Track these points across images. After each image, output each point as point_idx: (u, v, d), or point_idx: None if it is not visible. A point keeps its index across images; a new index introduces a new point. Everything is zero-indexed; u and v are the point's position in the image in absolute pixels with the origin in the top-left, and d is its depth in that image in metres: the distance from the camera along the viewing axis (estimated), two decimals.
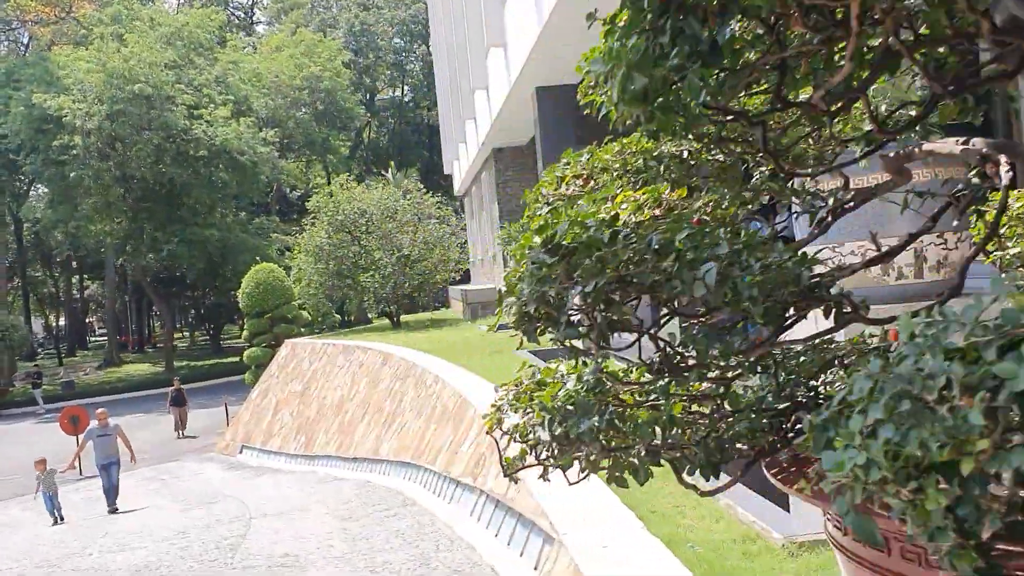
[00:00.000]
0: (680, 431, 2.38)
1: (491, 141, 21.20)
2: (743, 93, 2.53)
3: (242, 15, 69.61)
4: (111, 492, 14.77)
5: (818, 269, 2.18)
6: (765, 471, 2.15)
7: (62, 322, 73.10)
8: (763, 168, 2.90)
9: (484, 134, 20.77)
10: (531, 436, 2.45)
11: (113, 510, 14.45)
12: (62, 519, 14.50)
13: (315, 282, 22.30)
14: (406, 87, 66.01)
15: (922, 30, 2.05)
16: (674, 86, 1.99)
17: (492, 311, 22.34)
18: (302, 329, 30.15)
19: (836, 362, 2.46)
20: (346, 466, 14.12)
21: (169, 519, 12.15)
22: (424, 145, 64.56)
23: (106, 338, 59.51)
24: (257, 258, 33.91)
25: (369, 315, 46.78)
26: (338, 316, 37.00)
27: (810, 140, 2.95)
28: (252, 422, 21.07)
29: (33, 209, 51.90)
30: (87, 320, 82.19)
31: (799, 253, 2.14)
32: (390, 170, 24.52)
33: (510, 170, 22.19)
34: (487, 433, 2.50)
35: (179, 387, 26.92)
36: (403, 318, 24.14)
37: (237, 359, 47.21)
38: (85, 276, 68.65)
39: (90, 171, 36.27)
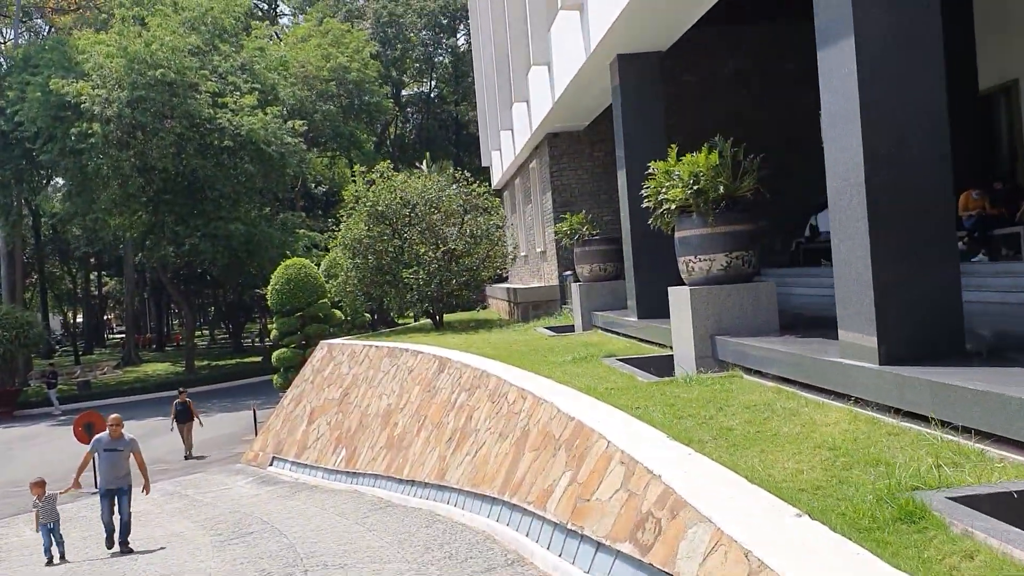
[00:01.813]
0: None
1: (547, 125, 19.27)
2: None
3: (266, 7, 67.92)
4: (123, 528, 11.67)
5: None
6: None
7: (80, 319, 71.74)
8: None
9: (540, 117, 18.85)
10: None
11: (126, 549, 11.60)
12: (63, 557, 11.70)
13: (352, 278, 20.41)
14: (434, 81, 64.18)
15: None
16: None
17: (545, 312, 20.42)
18: (332, 329, 28.34)
19: None
20: (399, 489, 12.23)
21: (201, 561, 10.22)
22: (451, 141, 62.78)
23: (124, 336, 57.93)
24: (287, 252, 32.16)
25: (392, 316, 45.11)
26: (368, 316, 35.19)
27: None
28: (284, 431, 19.23)
29: (50, 201, 50.34)
30: (106, 317, 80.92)
31: None
32: (424, 162, 22.49)
33: (565, 158, 20.27)
34: None
35: (185, 399, 23.07)
36: (444, 318, 22.25)
37: (260, 359, 45.73)
38: (104, 272, 67.23)
39: (109, 161, 34.56)
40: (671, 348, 11.27)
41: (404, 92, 64.79)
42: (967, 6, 16.57)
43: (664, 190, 9.89)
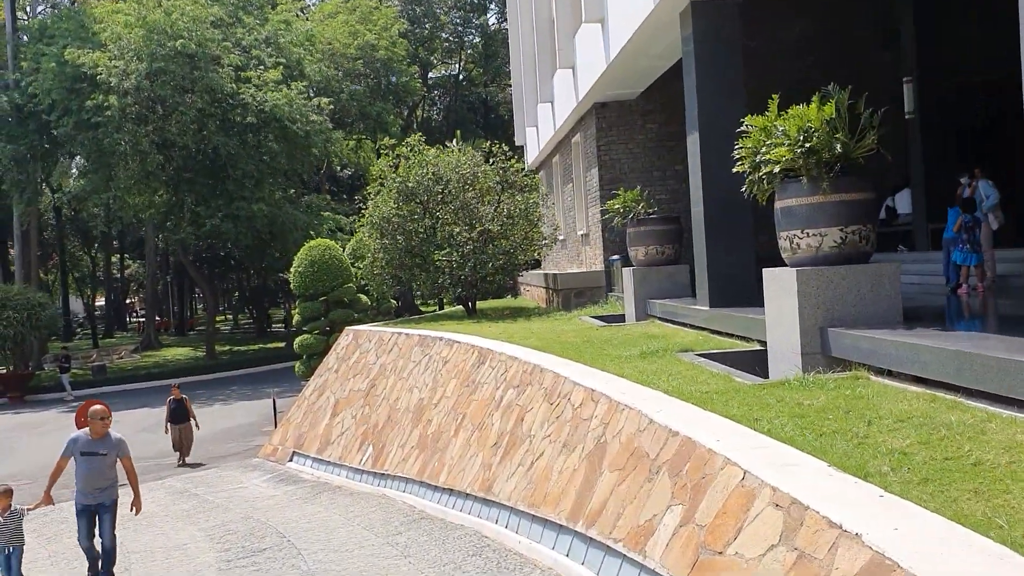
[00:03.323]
0: None
1: (596, 93, 17.53)
2: None
3: None
4: (105, 558, 9.13)
5: None
6: None
7: (103, 302, 70.77)
8: None
9: (588, 84, 17.11)
10: None
11: None
12: None
13: (381, 260, 18.77)
14: (463, 62, 62.36)
15: None
16: None
17: (589, 300, 18.69)
18: (357, 315, 26.77)
19: None
20: (435, 498, 10.61)
21: None
22: (479, 124, 61.00)
23: (144, 320, 56.76)
24: (312, 235, 30.63)
25: (418, 302, 43.44)
26: (394, 302, 33.61)
27: None
28: (306, 424, 17.67)
29: (67, 178, 48.97)
30: (128, 301, 79.97)
31: None
32: (456, 140, 20.77)
33: (614, 130, 18.52)
34: None
35: (180, 396, 19.67)
36: (476, 305, 20.61)
37: (283, 344, 44.32)
38: (126, 255, 66.14)
39: (127, 136, 33.07)
40: (758, 342, 9.58)
41: (432, 74, 63.10)
42: None
43: (763, 150, 8.17)
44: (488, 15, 60.86)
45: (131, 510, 9.27)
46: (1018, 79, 16.86)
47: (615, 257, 17.69)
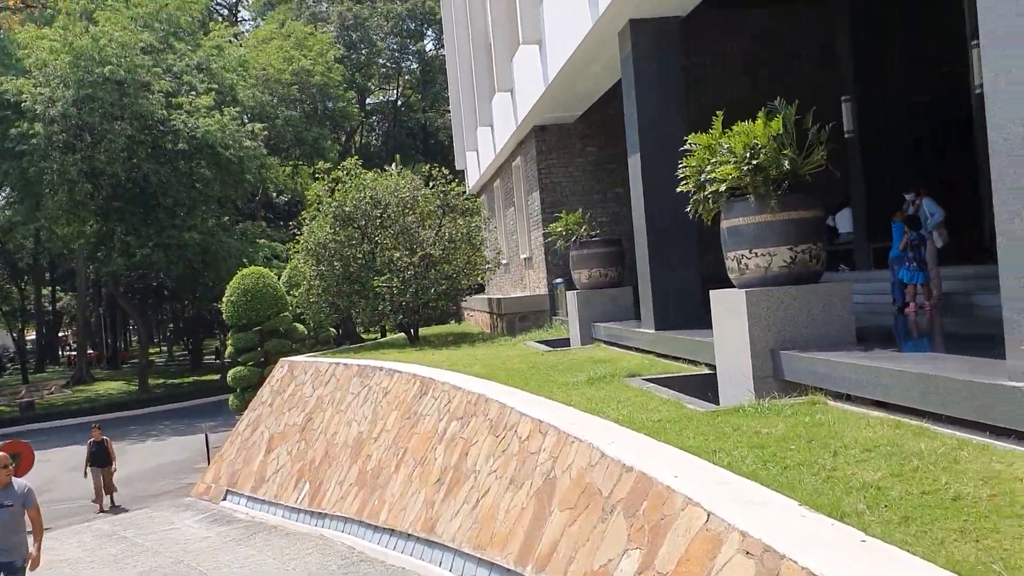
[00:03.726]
0: None
1: (535, 116, 17.26)
2: None
3: (226, 11, 65.39)
4: None
5: None
6: None
7: (33, 336, 68.45)
8: None
9: (527, 107, 16.84)
10: None
11: None
12: None
13: (317, 287, 18.18)
14: (401, 88, 61.92)
15: None
16: None
17: (534, 324, 18.33)
18: (294, 345, 26.06)
19: None
20: (375, 538, 10.09)
21: None
22: (419, 150, 60.54)
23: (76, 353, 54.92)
24: (246, 263, 29.84)
25: (359, 330, 42.59)
26: (333, 330, 32.91)
27: None
28: (239, 460, 16.96)
29: None
30: (61, 334, 77.51)
31: None
32: (395, 164, 20.35)
33: (554, 153, 18.26)
34: None
35: (100, 438, 18.70)
36: (419, 332, 20.11)
37: (219, 376, 43.09)
38: (56, 287, 64.10)
39: (54, 164, 31.97)
40: (706, 365, 9.29)
41: (369, 100, 62.57)
42: None
43: (709, 168, 7.91)
44: (425, 41, 60.66)
45: (27, 562, 8.15)
46: (953, 97, 17.07)
47: (559, 280, 17.40)
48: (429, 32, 60.48)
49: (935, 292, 11.11)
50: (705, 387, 8.76)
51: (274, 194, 52.95)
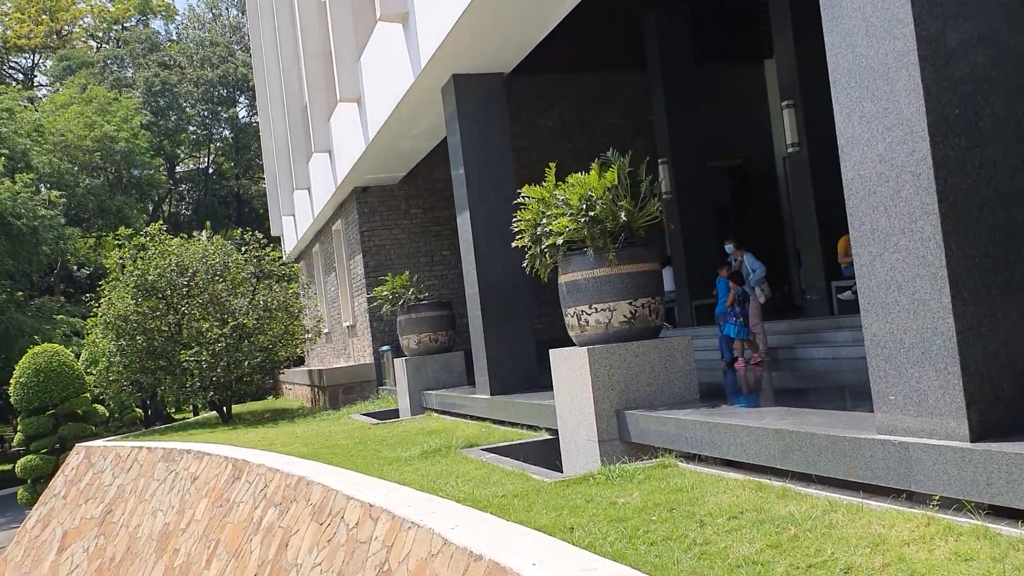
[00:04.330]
0: None
1: (355, 177, 16.60)
2: None
3: (21, 76, 61.30)
4: None
5: None
6: None
7: None
8: None
9: (347, 168, 16.17)
10: None
11: None
12: None
13: (117, 364, 16.58)
14: (212, 155, 59.70)
15: None
16: None
17: (359, 395, 17.41)
18: (95, 428, 23.84)
19: None
20: None
21: None
22: (232, 218, 58.34)
23: None
24: (36, 339, 27.26)
25: (168, 410, 39.88)
26: (139, 411, 30.54)
27: None
28: (27, 562, 14.98)
29: None
30: None
31: None
32: (205, 231, 19.15)
33: (377, 216, 17.61)
34: None
35: None
36: (233, 409, 18.75)
37: (10, 467, 39.03)
38: None
39: None
40: (547, 430, 8.80)
41: (180, 168, 59.94)
42: None
43: (544, 221, 7.49)
44: (238, 108, 58.96)
45: None
46: (754, 163, 17.73)
47: (385, 348, 16.63)
48: (242, 99, 58.91)
49: (762, 347, 11.14)
50: (548, 454, 8.25)
51: (75, 267, 49.39)
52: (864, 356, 9.87)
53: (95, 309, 17.04)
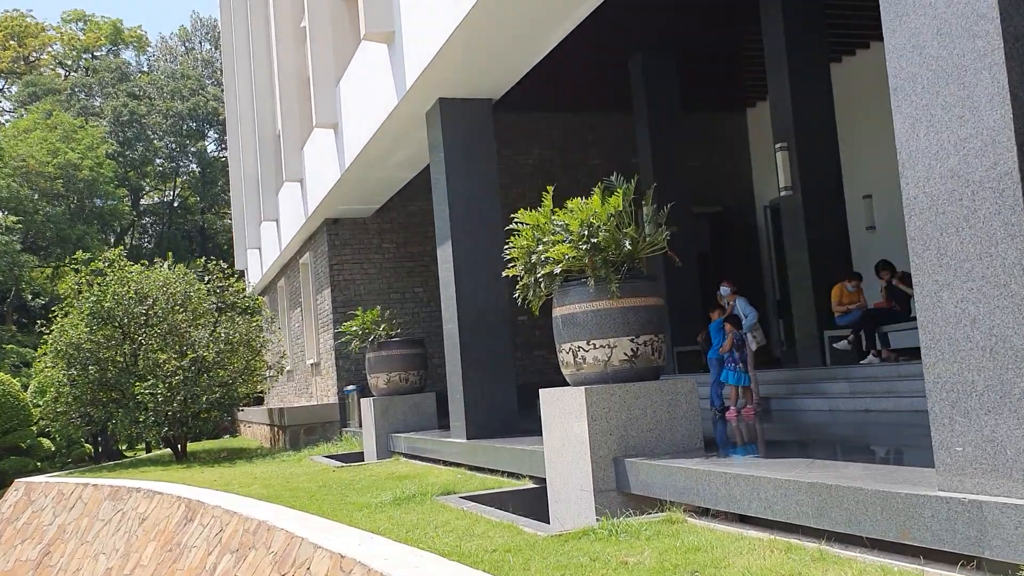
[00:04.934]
0: None
1: (328, 207, 15.97)
2: None
3: None
4: None
5: None
6: None
7: None
8: None
9: (319, 197, 15.54)
10: None
11: None
12: None
13: (67, 394, 15.64)
14: (178, 188, 58.66)
15: None
16: None
17: (321, 437, 16.57)
18: (38, 464, 22.68)
19: None
20: None
21: None
22: (195, 252, 57.23)
23: None
24: None
25: (119, 447, 38.44)
26: (88, 447, 29.27)
27: None
28: None
29: None
30: None
31: None
32: (167, 262, 18.34)
33: (347, 248, 16.94)
34: None
35: None
36: (188, 447, 17.82)
37: None
38: None
39: None
40: (531, 479, 8.13)
41: (144, 200, 58.78)
42: None
43: (541, 248, 6.91)
44: (207, 142, 58.16)
45: None
46: (734, 213, 17.38)
47: (351, 387, 15.87)
48: (211, 133, 58.14)
49: (755, 396, 10.59)
50: (533, 504, 7.58)
51: (29, 296, 47.97)
52: (865, 409, 9.37)
53: (45, 336, 16.12)
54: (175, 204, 59.10)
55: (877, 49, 14.61)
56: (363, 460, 12.85)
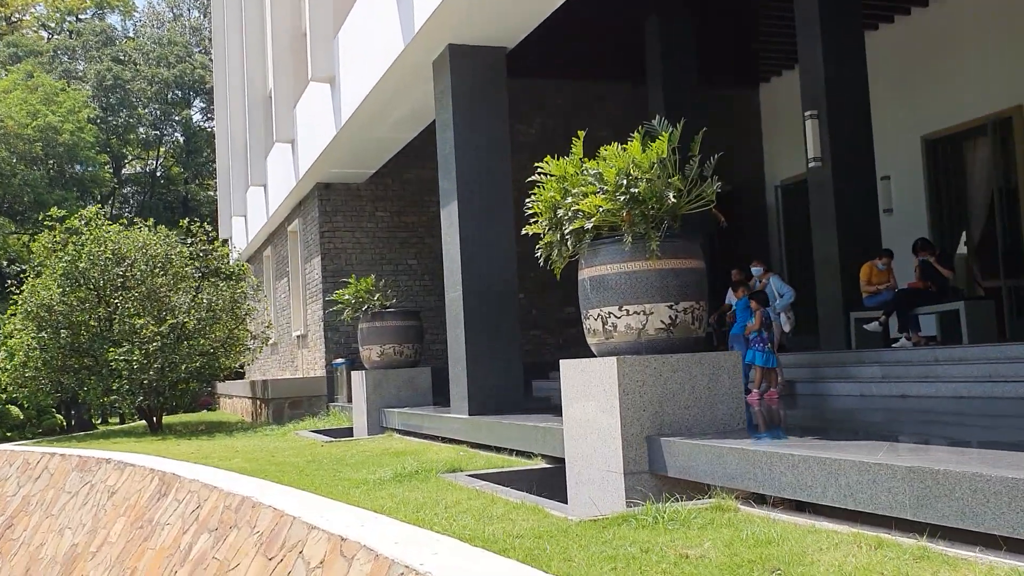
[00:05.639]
0: None
1: (320, 170, 15.12)
2: None
3: None
4: None
5: None
6: None
7: None
8: None
9: (312, 158, 14.69)
10: None
11: None
12: None
13: (36, 359, 14.76)
14: (161, 158, 57.36)
15: None
16: None
17: (307, 411, 15.75)
18: (7, 434, 21.78)
19: None
20: None
21: None
22: (178, 223, 56.07)
23: None
24: None
25: (91, 416, 37.45)
26: (59, 417, 28.34)
27: None
28: None
29: None
30: None
31: None
32: (148, 222, 17.41)
33: (339, 215, 16.10)
34: None
35: None
36: (164, 420, 16.97)
37: None
38: None
39: None
40: (543, 457, 7.38)
41: (126, 169, 57.48)
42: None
43: (569, 201, 6.13)
44: (192, 110, 56.91)
45: None
46: (744, 192, 16.66)
47: (340, 360, 15.07)
48: (196, 102, 56.89)
49: (780, 379, 9.87)
50: (546, 485, 6.83)
51: (5, 263, 46.79)
52: (902, 395, 8.66)
53: (15, 297, 15.22)
54: (158, 174, 57.82)
55: (917, 15, 13.81)
56: (352, 436, 12.08)
